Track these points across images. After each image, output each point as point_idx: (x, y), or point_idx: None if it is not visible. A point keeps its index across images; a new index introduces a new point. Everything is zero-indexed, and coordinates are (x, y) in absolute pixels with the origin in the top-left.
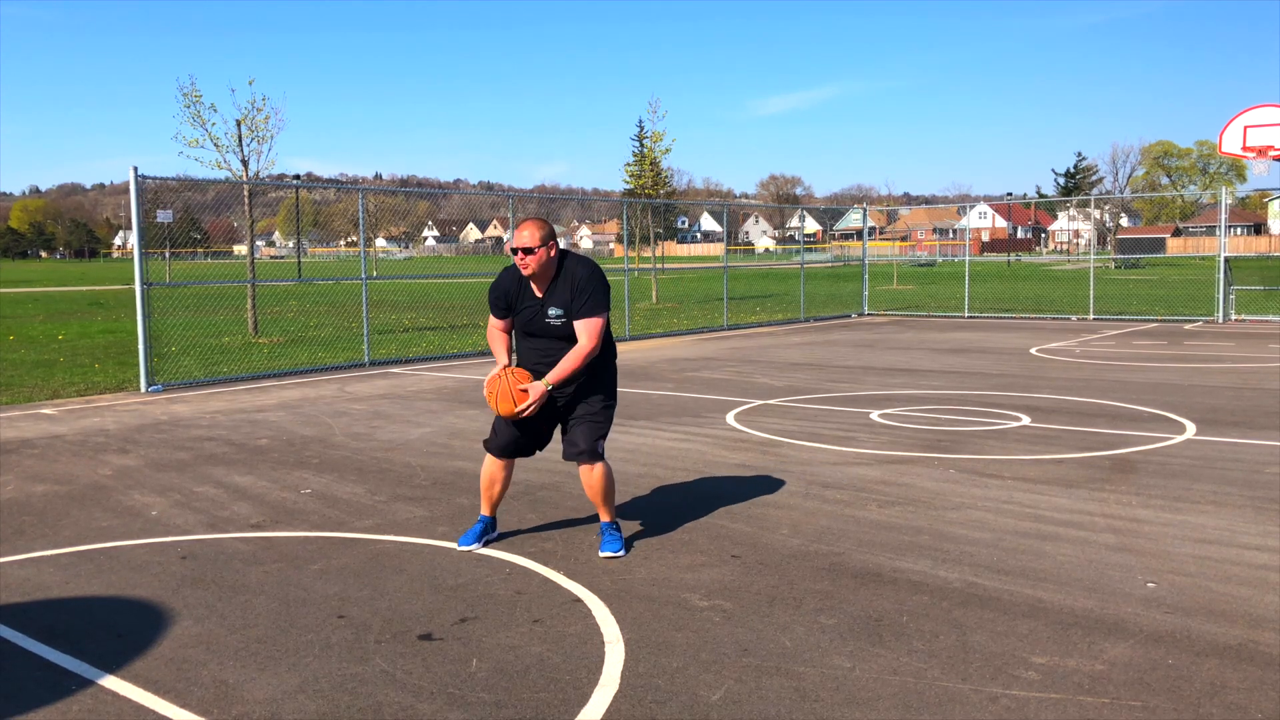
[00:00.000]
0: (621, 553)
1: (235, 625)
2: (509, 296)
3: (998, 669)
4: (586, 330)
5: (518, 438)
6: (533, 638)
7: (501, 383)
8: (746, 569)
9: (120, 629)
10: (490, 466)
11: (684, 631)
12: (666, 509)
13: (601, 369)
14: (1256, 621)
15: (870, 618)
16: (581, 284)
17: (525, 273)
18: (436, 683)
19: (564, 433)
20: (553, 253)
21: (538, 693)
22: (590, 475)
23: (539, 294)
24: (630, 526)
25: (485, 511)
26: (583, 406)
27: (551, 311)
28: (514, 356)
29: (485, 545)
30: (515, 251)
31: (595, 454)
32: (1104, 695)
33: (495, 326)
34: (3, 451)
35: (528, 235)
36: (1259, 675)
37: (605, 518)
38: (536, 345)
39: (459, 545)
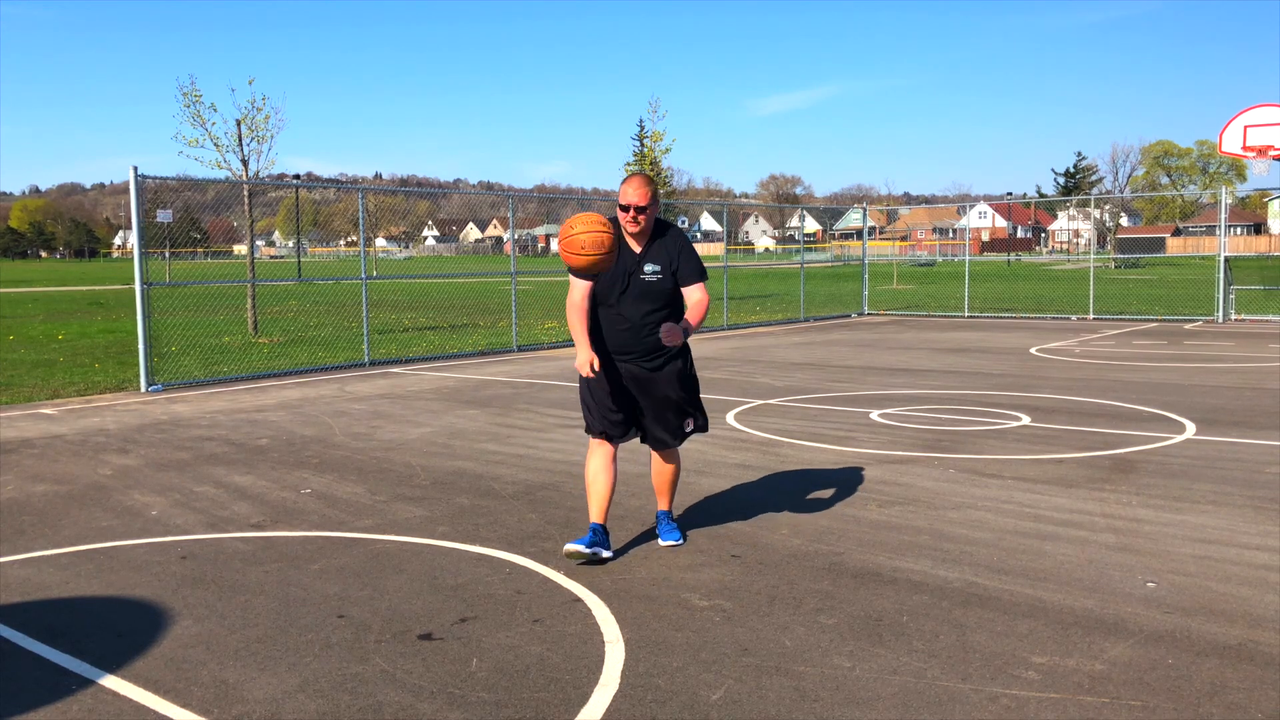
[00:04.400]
0: (682, 541)
1: (235, 625)
2: None
3: (998, 669)
4: (701, 290)
5: (620, 410)
6: (533, 638)
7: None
8: (746, 569)
9: (120, 629)
10: (597, 461)
11: (684, 631)
12: None
13: (687, 347)
14: (1256, 621)
15: (870, 618)
16: (684, 247)
17: (632, 230)
18: (436, 682)
19: (647, 416)
20: (655, 211)
21: (538, 692)
22: (667, 460)
23: (636, 250)
24: (631, 526)
25: (597, 517)
26: (673, 388)
27: (648, 268)
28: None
29: (594, 560)
30: (626, 209)
31: (682, 434)
32: (1104, 695)
33: (579, 293)
34: (3, 451)
35: (641, 193)
36: (1259, 675)
37: (666, 505)
38: (621, 312)
39: (569, 546)
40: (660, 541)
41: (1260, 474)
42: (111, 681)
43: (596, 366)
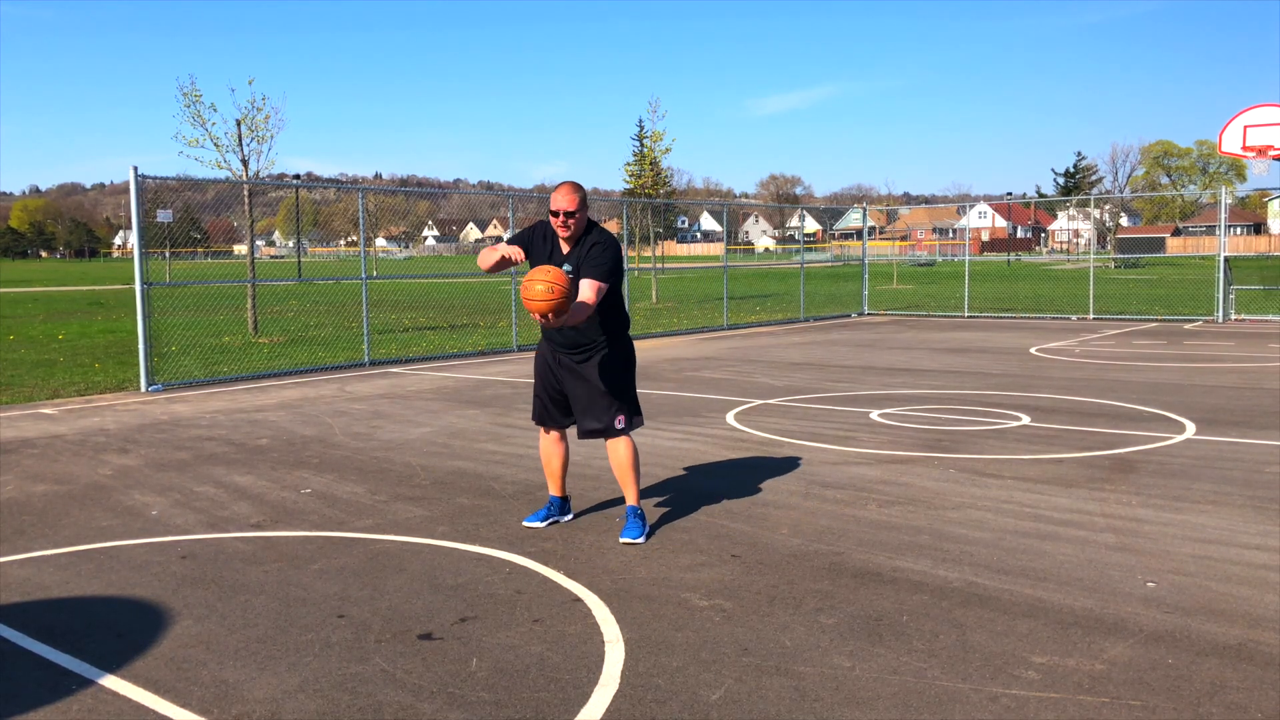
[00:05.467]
0: (641, 540)
1: (235, 625)
2: (532, 244)
3: (998, 669)
4: (588, 287)
5: (549, 402)
6: (533, 637)
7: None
8: (746, 569)
9: (120, 629)
10: (542, 443)
11: (684, 631)
12: (667, 509)
13: (613, 339)
14: (1256, 621)
15: (870, 618)
16: (595, 248)
17: (563, 234)
18: (436, 682)
19: (576, 406)
20: (585, 216)
21: (538, 692)
22: (612, 451)
23: (565, 251)
24: None
25: (553, 491)
26: (595, 380)
27: (565, 268)
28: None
29: (549, 523)
30: (556, 214)
31: (612, 429)
32: (1104, 695)
33: (488, 262)
34: (3, 451)
35: (569, 199)
36: (1259, 675)
37: (631, 500)
38: None
39: (524, 522)
40: (621, 538)
41: (1260, 474)
42: (111, 681)
43: (519, 256)
